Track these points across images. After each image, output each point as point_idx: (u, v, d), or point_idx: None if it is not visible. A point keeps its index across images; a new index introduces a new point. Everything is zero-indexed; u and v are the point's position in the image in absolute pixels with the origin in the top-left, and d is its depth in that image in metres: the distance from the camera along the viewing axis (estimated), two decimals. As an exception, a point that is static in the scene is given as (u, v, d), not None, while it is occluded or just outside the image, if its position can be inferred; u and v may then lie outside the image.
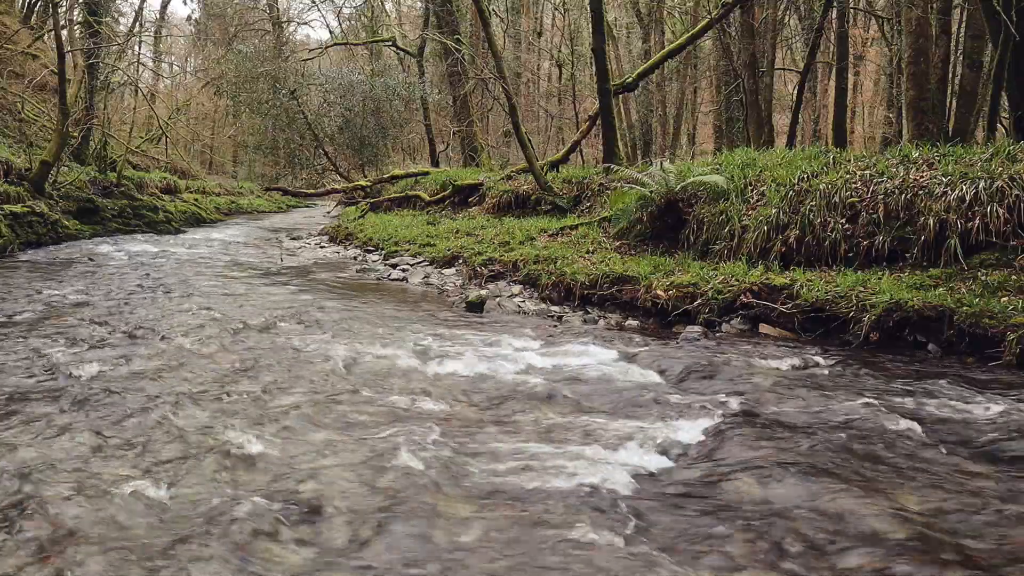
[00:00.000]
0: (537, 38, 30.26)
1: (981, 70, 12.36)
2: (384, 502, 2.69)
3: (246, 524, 2.47)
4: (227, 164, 38.59)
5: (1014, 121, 9.50)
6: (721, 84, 19.82)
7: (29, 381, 4.07)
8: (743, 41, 16.00)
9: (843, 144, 13.84)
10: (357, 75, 23.78)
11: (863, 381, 4.29)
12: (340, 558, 2.34)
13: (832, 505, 2.61)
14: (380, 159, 24.79)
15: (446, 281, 8.83)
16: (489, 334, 5.66)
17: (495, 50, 13.37)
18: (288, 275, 9.66)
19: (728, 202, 7.65)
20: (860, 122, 25.82)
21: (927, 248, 5.89)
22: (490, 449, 3.25)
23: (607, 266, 7.27)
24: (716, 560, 2.32)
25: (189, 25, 38.56)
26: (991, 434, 3.38)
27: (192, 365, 4.51)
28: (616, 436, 3.38)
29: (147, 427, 3.36)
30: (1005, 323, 4.66)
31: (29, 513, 2.49)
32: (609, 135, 12.54)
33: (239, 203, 27.96)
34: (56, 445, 3.13)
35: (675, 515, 2.64)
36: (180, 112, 28.83)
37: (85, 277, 8.52)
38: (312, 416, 3.63)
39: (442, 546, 2.40)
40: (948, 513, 2.58)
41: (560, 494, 2.75)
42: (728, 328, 5.89)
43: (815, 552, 2.34)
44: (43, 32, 21.23)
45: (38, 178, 12.84)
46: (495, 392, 4.12)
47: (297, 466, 3.01)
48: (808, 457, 3.05)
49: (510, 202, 12.70)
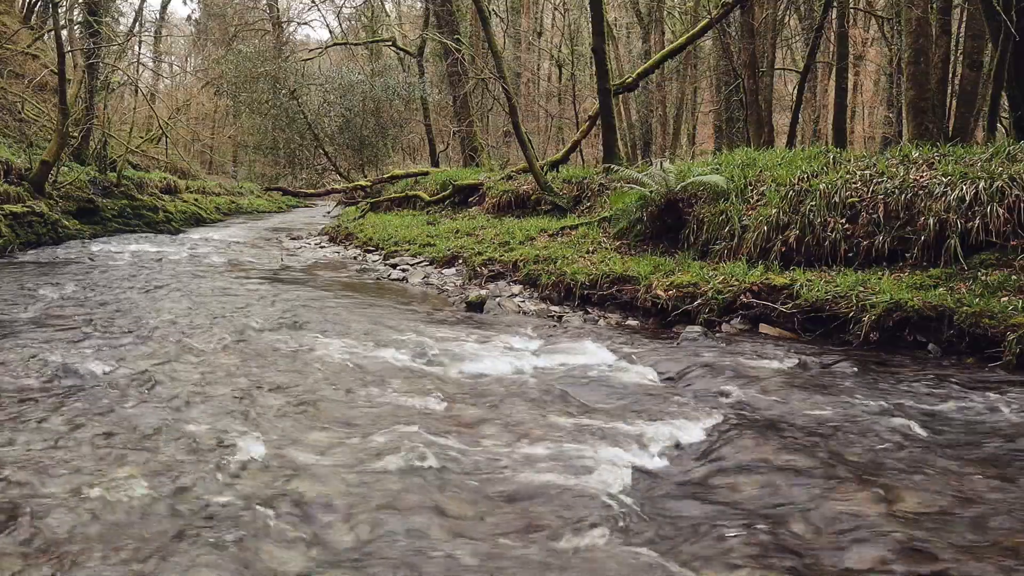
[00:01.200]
0: (537, 38, 30.27)
1: (981, 70, 12.36)
2: (384, 502, 2.69)
3: (246, 524, 2.47)
4: (227, 164, 38.57)
5: (1014, 121, 9.50)
6: (721, 84, 19.83)
7: (28, 381, 4.07)
8: (743, 41, 15.99)
9: (843, 144, 13.84)
10: (357, 75, 23.78)
11: (863, 381, 4.29)
12: (340, 558, 2.34)
13: (832, 505, 2.61)
14: (380, 159, 24.80)
15: (446, 281, 8.83)
16: (489, 334, 5.66)
17: (495, 50, 13.37)
18: (288, 275, 9.66)
19: (728, 202, 7.65)
20: (860, 122, 25.82)
21: (927, 248, 5.89)
22: (490, 449, 3.25)
23: (607, 266, 7.27)
24: (716, 560, 2.32)
25: (189, 25, 38.65)
26: (991, 434, 3.39)
27: (192, 364, 4.51)
28: (616, 436, 3.38)
29: (146, 426, 3.36)
30: (1005, 323, 4.66)
31: (28, 512, 2.49)
32: (609, 135, 12.54)
33: (239, 203, 27.96)
34: (54, 444, 3.13)
35: (675, 515, 2.64)
36: (180, 112, 28.83)
37: (85, 277, 8.52)
38: (312, 415, 3.63)
39: (442, 546, 2.40)
40: (948, 513, 2.58)
41: (560, 494, 2.75)
42: (728, 328, 5.89)
43: (815, 552, 2.34)
44: (43, 32, 21.23)
45: (38, 178, 12.84)
46: (495, 392, 4.12)
47: (297, 465, 3.01)
48: (808, 457, 3.05)
49: (510, 202, 12.70)
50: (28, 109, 17.16)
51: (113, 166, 16.38)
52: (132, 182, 16.69)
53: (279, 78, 22.24)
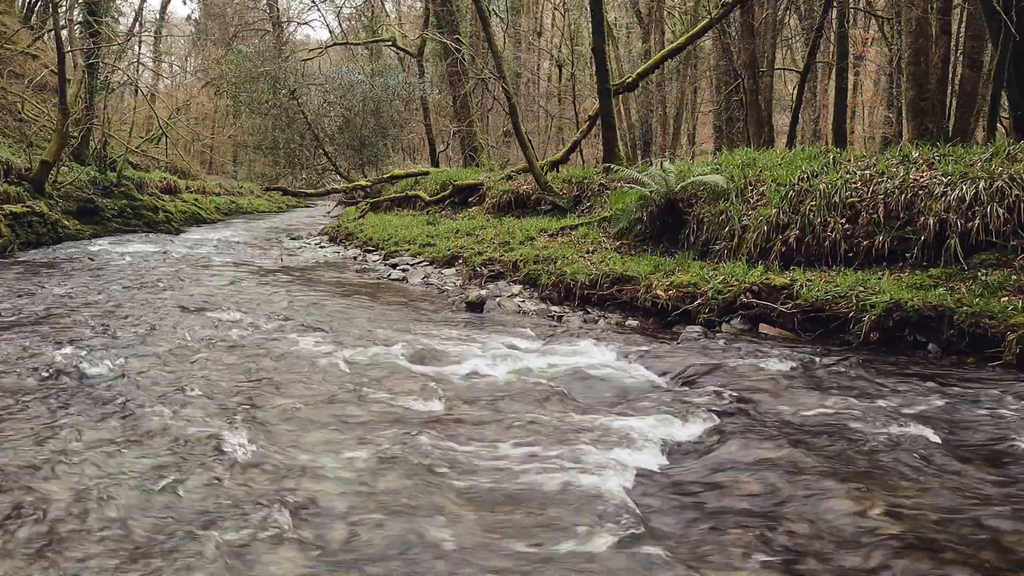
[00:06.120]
0: (537, 38, 30.27)
1: (981, 70, 12.37)
2: (384, 502, 2.69)
3: (246, 523, 2.47)
4: (227, 164, 38.58)
5: (1014, 121, 9.51)
6: (721, 84, 19.83)
7: (28, 380, 4.07)
8: (743, 41, 16.00)
9: (843, 144, 13.83)
10: (357, 75, 23.76)
11: (863, 381, 4.29)
12: (340, 558, 2.34)
13: (832, 504, 2.61)
14: (380, 159, 24.77)
15: (446, 281, 8.83)
16: (489, 334, 5.66)
17: (495, 50, 13.37)
18: (288, 275, 9.66)
19: (728, 202, 7.65)
20: (860, 122, 25.82)
21: (927, 248, 5.89)
22: (490, 449, 3.25)
23: (607, 266, 7.27)
24: (716, 560, 2.32)
25: (189, 25, 38.66)
26: (991, 434, 3.39)
27: (191, 364, 4.52)
28: (616, 436, 3.37)
29: (146, 426, 3.36)
30: (1005, 323, 4.66)
31: (28, 512, 2.49)
32: (609, 135, 12.53)
33: (239, 203, 27.96)
34: (55, 444, 3.13)
35: (675, 515, 2.64)
36: (180, 112, 28.84)
37: (85, 277, 8.52)
38: (311, 416, 3.63)
39: (442, 546, 2.40)
40: (947, 513, 2.58)
41: (560, 493, 2.75)
42: (728, 328, 5.89)
43: (815, 551, 2.34)
44: (43, 32, 21.23)
45: (38, 178, 12.84)
46: (495, 391, 4.12)
47: (297, 466, 3.01)
48: (808, 457, 3.05)
49: (510, 202, 12.70)
50: (28, 109, 17.16)
51: (113, 166, 16.37)
52: (132, 182, 16.68)
53: (279, 78, 22.22)
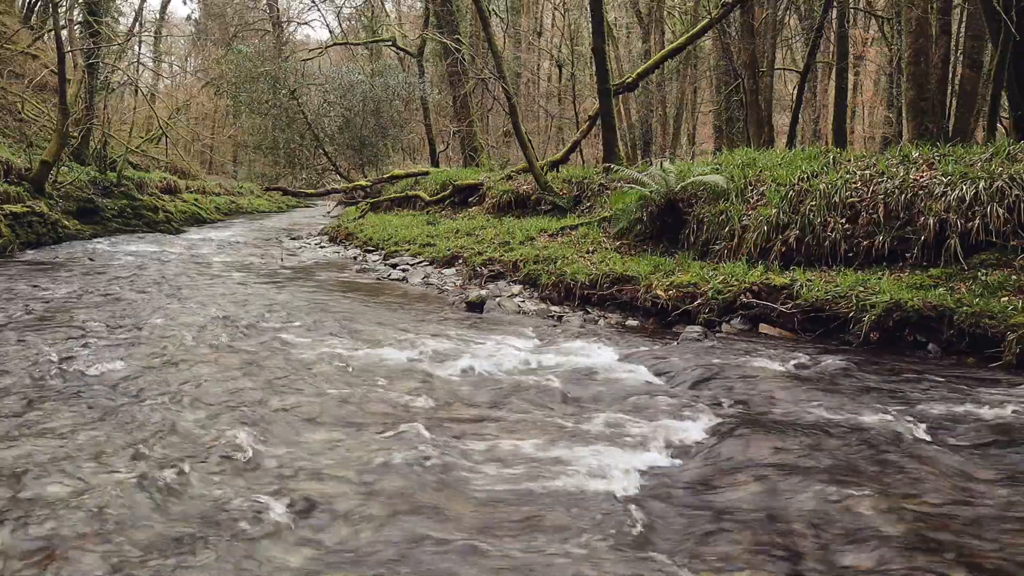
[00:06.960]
0: (537, 38, 30.26)
1: (981, 70, 12.37)
2: (384, 502, 2.69)
3: (247, 523, 2.47)
4: (227, 164, 38.57)
5: (1014, 121, 9.51)
6: (721, 84, 19.83)
7: (28, 380, 4.07)
8: (743, 41, 16.00)
9: (843, 144, 13.84)
10: (357, 75, 23.76)
11: (863, 381, 4.29)
12: (341, 558, 2.34)
13: (832, 504, 2.61)
14: (380, 159, 24.77)
15: (446, 281, 8.83)
16: (489, 334, 5.66)
17: (495, 50, 13.37)
18: (288, 275, 9.66)
19: (728, 202, 7.65)
20: (860, 122, 25.81)
21: (927, 248, 5.89)
22: (490, 449, 3.25)
23: (607, 266, 7.27)
24: (717, 560, 2.32)
25: (189, 25, 38.64)
26: (991, 434, 3.38)
27: (192, 364, 4.51)
28: (616, 436, 3.38)
29: (147, 426, 3.36)
30: (1005, 323, 4.66)
31: (29, 511, 2.49)
32: (609, 135, 12.54)
33: (239, 203, 27.95)
34: (55, 443, 3.13)
35: (675, 515, 2.64)
36: (180, 112, 28.83)
37: (85, 277, 8.52)
38: (312, 415, 3.63)
39: (443, 547, 2.40)
40: (948, 513, 2.58)
41: (561, 493, 2.75)
42: (728, 328, 5.89)
43: (816, 552, 2.34)
44: (43, 32, 21.23)
45: (38, 178, 12.84)
46: (495, 392, 4.12)
47: (297, 466, 3.01)
48: (808, 457, 3.05)
49: (510, 202, 12.70)
50: (28, 109, 17.15)
51: (113, 166, 16.37)
52: (132, 182, 16.68)
53: (279, 78, 22.22)
